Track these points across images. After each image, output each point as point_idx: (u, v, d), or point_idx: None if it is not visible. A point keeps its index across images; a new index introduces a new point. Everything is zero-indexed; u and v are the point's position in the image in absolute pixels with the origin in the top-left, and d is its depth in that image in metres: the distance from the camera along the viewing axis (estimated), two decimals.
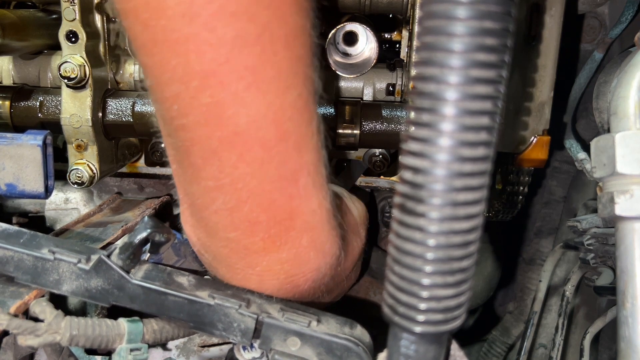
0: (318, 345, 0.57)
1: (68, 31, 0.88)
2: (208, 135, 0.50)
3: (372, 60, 0.99)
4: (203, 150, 0.51)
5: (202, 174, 0.53)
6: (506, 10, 0.39)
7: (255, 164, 0.51)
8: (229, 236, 0.57)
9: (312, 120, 0.54)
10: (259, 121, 0.49)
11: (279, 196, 0.54)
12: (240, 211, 0.54)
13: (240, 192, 0.53)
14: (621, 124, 0.77)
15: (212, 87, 0.48)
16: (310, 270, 0.60)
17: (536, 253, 1.58)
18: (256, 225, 0.55)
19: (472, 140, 0.40)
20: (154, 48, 0.48)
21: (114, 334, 0.59)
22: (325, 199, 0.58)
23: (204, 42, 0.46)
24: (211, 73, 0.47)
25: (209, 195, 0.55)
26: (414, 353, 0.47)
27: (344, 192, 0.78)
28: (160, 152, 1.07)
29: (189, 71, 0.47)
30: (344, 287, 0.77)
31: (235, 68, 0.47)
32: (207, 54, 0.46)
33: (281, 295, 0.61)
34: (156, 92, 0.51)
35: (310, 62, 0.52)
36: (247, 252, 0.57)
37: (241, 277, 0.61)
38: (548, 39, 0.97)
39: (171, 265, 0.85)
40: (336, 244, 0.62)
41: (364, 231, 0.78)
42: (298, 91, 0.51)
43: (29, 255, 0.58)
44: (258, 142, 0.50)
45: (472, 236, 0.43)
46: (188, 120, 0.50)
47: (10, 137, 0.82)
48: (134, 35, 0.49)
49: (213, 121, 0.49)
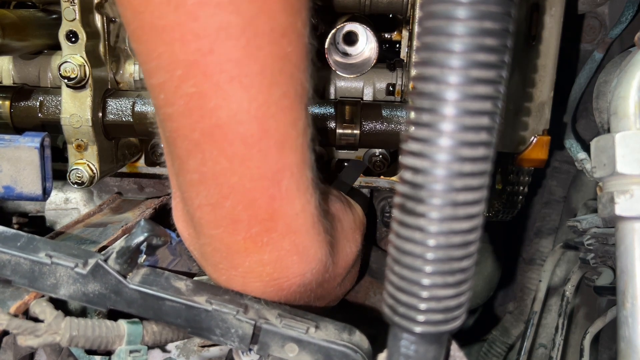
0: (316, 351, 0.57)
1: (68, 31, 0.88)
2: (191, 127, 0.50)
3: (372, 60, 0.99)
4: (187, 142, 0.52)
5: (187, 167, 0.54)
6: (506, 10, 0.39)
7: (235, 159, 0.51)
8: (212, 233, 0.57)
9: (298, 121, 0.53)
10: (240, 115, 0.49)
11: (260, 195, 0.53)
12: (222, 207, 0.54)
13: (222, 188, 0.53)
14: (621, 124, 0.77)
15: (195, 77, 0.48)
16: (294, 275, 0.59)
17: (536, 253, 1.58)
18: (237, 224, 0.55)
19: (472, 141, 0.40)
20: (142, 35, 0.48)
21: (113, 336, 0.59)
22: (310, 203, 0.57)
23: (188, 31, 0.46)
24: (195, 63, 0.47)
25: (193, 188, 0.55)
26: (414, 353, 0.47)
27: (340, 195, 0.77)
28: (160, 152, 1.07)
29: (174, 59, 0.47)
30: (338, 293, 0.75)
31: (219, 60, 0.47)
32: (191, 43, 0.46)
33: (266, 298, 0.61)
34: (146, 79, 0.52)
35: (299, 62, 0.52)
36: (229, 251, 0.57)
37: (226, 277, 0.60)
38: (548, 39, 0.97)
39: (166, 268, 0.85)
40: (322, 249, 0.61)
41: (360, 237, 0.76)
42: (283, 90, 0.51)
43: (26, 259, 0.58)
44: (239, 137, 0.50)
45: (472, 236, 0.43)
46: (173, 110, 0.50)
47: (7, 139, 0.82)
48: (127, 22, 0.49)
49: (195, 112, 0.49)
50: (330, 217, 0.67)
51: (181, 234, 0.65)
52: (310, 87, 0.54)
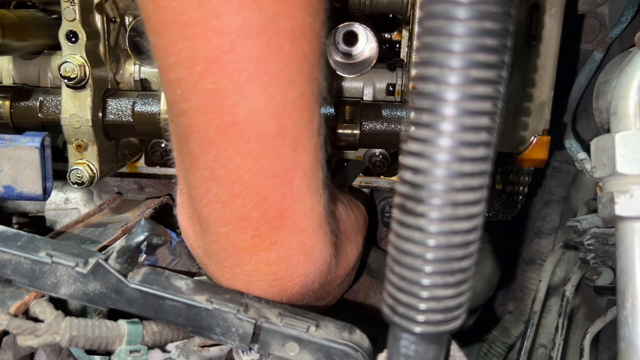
0: (316, 350, 0.57)
1: (68, 31, 0.88)
2: (207, 123, 0.50)
3: (372, 60, 0.99)
4: (201, 138, 0.52)
5: (199, 163, 0.53)
6: (506, 10, 0.39)
7: (250, 157, 0.51)
8: (219, 231, 0.57)
9: (313, 121, 0.54)
10: (257, 114, 0.49)
11: (272, 193, 0.53)
12: (232, 205, 0.54)
13: (234, 185, 0.53)
14: (621, 124, 0.77)
15: (214, 73, 0.48)
16: (299, 275, 0.59)
17: (536, 253, 1.58)
18: (247, 221, 0.55)
19: (472, 141, 0.40)
20: (163, 29, 0.48)
21: (113, 336, 0.59)
22: (319, 203, 0.58)
23: (211, 28, 0.46)
24: (215, 60, 0.47)
25: (203, 185, 0.55)
26: (413, 353, 0.47)
27: (343, 197, 0.77)
28: (160, 152, 1.07)
29: (194, 55, 0.47)
30: (337, 294, 0.76)
31: (239, 57, 0.47)
32: (213, 40, 0.47)
33: (269, 298, 0.61)
34: (163, 74, 0.51)
35: (316, 62, 0.52)
36: (236, 249, 0.57)
37: (229, 275, 0.60)
38: (548, 39, 0.97)
39: (166, 267, 0.85)
40: (327, 250, 0.61)
41: (361, 239, 0.76)
42: (300, 89, 0.51)
43: (26, 258, 0.58)
44: (255, 135, 0.50)
45: (472, 236, 0.43)
46: (189, 105, 0.50)
47: (8, 138, 0.82)
48: (147, 15, 0.49)
49: (213, 109, 0.49)
50: (335, 218, 0.67)
51: (184, 231, 0.65)
52: (325, 87, 0.54)
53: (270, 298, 0.61)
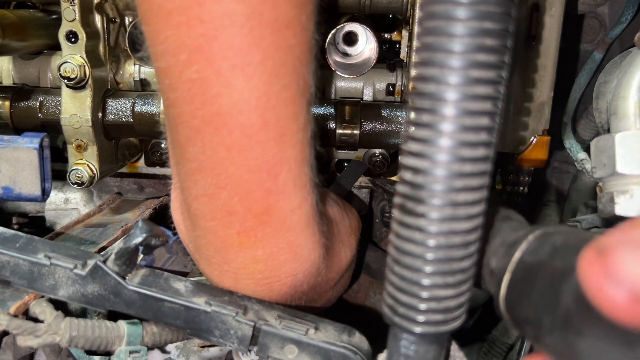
0: (315, 353, 0.57)
1: (68, 31, 0.88)
2: (192, 114, 0.50)
3: (372, 61, 0.99)
4: (188, 129, 0.52)
5: (186, 155, 0.54)
6: (506, 10, 0.39)
7: (234, 149, 0.51)
8: (207, 225, 0.56)
9: (299, 116, 0.53)
10: (240, 105, 0.49)
11: (256, 187, 0.53)
12: (218, 198, 0.54)
13: (219, 178, 0.53)
14: (621, 124, 0.77)
15: (198, 62, 0.48)
16: (286, 275, 0.59)
17: None
18: (232, 216, 0.54)
19: (472, 141, 0.40)
20: (152, 17, 0.49)
21: (113, 336, 0.59)
22: (307, 201, 0.57)
23: (195, 15, 0.46)
24: (199, 48, 0.47)
25: (192, 177, 0.55)
26: (413, 353, 0.47)
27: (338, 199, 0.76)
28: (160, 152, 1.07)
29: (180, 43, 0.48)
30: (330, 297, 0.74)
31: (222, 46, 0.47)
32: (197, 28, 0.47)
33: (257, 297, 0.61)
34: (154, 63, 0.52)
35: (302, 56, 0.51)
36: (223, 244, 0.57)
37: (218, 272, 0.60)
38: (548, 39, 0.97)
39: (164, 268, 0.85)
40: (316, 251, 0.60)
41: (355, 242, 0.75)
42: (284, 82, 0.50)
43: (25, 260, 0.58)
44: (239, 127, 0.50)
45: (472, 236, 0.43)
46: (176, 95, 0.51)
47: (6, 139, 0.82)
48: (138, 3, 0.50)
49: (197, 98, 0.49)
50: (327, 219, 0.66)
51: (177, 226, 0.65)
52: (313, 83, 0.54)
53: (258, 298, 0.61)
